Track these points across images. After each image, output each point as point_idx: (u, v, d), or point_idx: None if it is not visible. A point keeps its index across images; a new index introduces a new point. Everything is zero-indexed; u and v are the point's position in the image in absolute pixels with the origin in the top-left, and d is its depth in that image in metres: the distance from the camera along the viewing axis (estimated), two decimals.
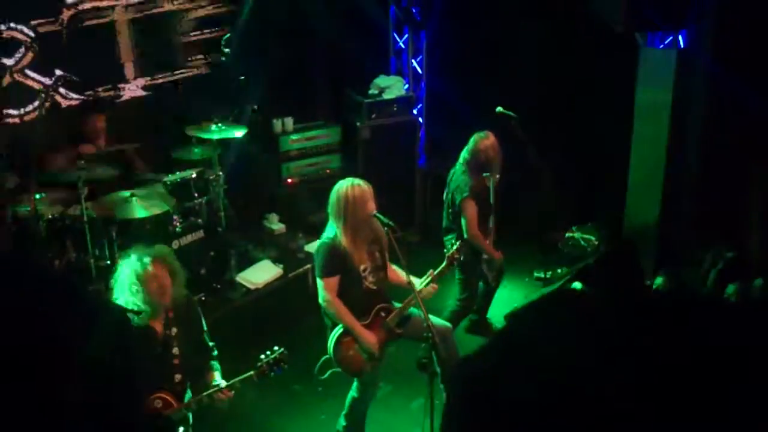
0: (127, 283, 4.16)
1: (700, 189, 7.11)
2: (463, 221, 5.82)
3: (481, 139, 5.84)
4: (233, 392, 4.29)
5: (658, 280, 6.45)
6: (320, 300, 4.82)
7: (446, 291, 6.34)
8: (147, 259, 4.16)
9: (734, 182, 6.84)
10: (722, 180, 6.92)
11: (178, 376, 4.27)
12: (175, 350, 4.27)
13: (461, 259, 5.10)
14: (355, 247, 4.77)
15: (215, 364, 4.50)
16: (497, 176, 5.88)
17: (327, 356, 4.88)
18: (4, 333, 0.90)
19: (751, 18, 6.35)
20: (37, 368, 0.90)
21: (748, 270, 6.54)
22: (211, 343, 4.55)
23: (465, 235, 5.77)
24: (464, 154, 5.90)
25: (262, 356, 4.33)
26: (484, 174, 5.78)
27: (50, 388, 0.91)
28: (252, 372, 4.30)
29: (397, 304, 4.92)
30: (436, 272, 4.92)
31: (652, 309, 0.79)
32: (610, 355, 0.73)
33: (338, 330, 4.79)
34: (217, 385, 4.30)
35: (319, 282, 4.81)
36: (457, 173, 5.95)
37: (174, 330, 4.30)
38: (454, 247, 5.06)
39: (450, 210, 5.98)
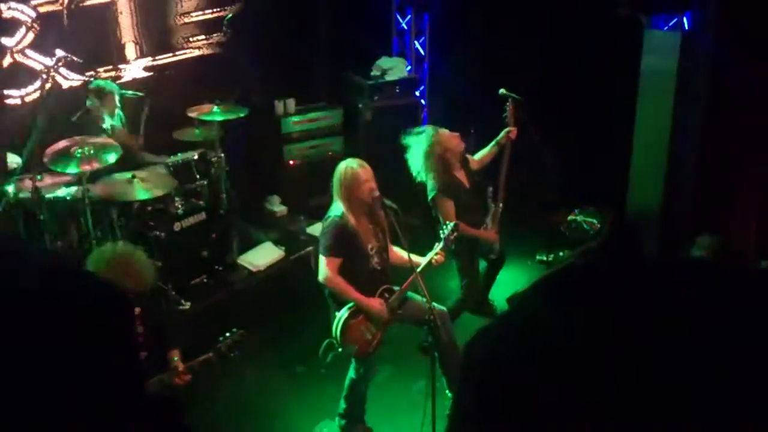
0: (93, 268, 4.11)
1: (703, 172, 7.09)
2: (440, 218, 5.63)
3: (434, 136, 5.70)
4: (191, 375, 4.29)
5: None
6: (320, 277, 4.79)
7: (447, 278, 6.35)
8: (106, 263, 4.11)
9: (736, 166, 6.82)
10: (725, 163, 6.90)
11: (143, 353, 4.24)
12: (139, 329, 4.24)
13: (452, 245, 5.07)
14: (361, 226, 4.78)
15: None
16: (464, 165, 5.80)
17: (330, 339, 4.88)
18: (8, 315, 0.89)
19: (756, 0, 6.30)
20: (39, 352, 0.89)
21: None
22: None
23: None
24: (419, 152, 5.71)
25: (221, 338, 4.34)
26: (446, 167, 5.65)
27: (55, 375, 0.89)
28: (210, 353, 4.30)
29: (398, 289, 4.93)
30: (437, 251, 4.91)
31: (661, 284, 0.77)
32: (614, 333, 0.71)
33: (344, 313, 4.78)
34: (176, 366, 4.30)
35: (322, 260, 4.79)
36: (420, 173, 5.76)
37: (137, 309, 4.26)
38: (448, 229, 5.01)
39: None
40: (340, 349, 4.87)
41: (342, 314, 4.78)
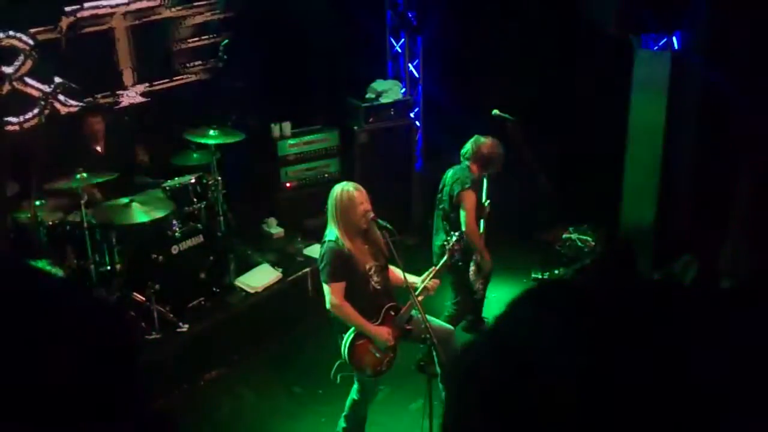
0: None
1: (695, 189, 7.14)
2: (462, 214, 5.78)
3: (485, 140, 5.87)
4: None
5: None
6: (327, 305, 4.77)
7: (446, 292, 6.37)
8: None
9: (728, 183, 6.88)
10: (717, 181, 6.95)
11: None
12: None
13: (458, 256, 5.11)
14: (356, 248, 4.79)
15: None
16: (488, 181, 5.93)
17: (341, 360, 4.88)
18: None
19: (744, 19, 6.39)
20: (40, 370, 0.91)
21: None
22: None
23: (462, 228, 5.74)
24: (468, 149, 5.90)
25: None
26: (485, 173, 5.83)
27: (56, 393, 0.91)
28: None
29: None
30: (437, 267, 4.97)
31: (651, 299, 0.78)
32: (601, 348, 0.72)
33: (351, 333, 4.78)
34: None
35: (326, 287, 4.78)
36: (457, 169, 5.95)
37: None
38: (453, 239, 5.08)
39: (444, 206, 5.92)
40: (352, 372, 4.88)
41: (348, 335, 4.79)
